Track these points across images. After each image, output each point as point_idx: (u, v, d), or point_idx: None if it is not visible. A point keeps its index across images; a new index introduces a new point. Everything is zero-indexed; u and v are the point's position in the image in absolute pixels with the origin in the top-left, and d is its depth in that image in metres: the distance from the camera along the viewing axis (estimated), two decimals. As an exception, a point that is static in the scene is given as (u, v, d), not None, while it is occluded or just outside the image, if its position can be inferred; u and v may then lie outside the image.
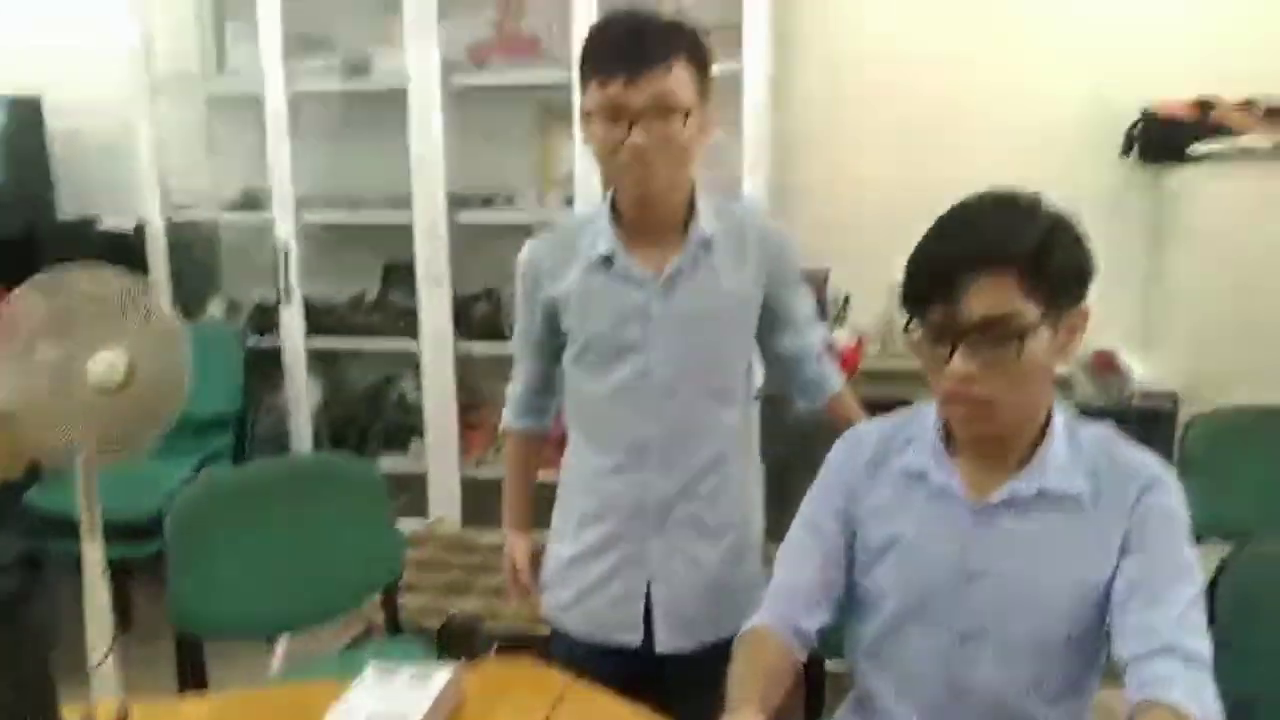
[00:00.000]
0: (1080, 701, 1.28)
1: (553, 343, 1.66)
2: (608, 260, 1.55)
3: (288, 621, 2.11)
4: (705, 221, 1.55)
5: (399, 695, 1.31)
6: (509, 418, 1.81)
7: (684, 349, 1.55)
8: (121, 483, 2.40)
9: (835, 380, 1.74)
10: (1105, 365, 2.90)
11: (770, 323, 1.66)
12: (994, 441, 1.26)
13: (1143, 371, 2.70)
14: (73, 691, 1.35)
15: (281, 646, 2.83)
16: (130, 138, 3.40)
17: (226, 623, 1.91)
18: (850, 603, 1.37)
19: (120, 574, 3.09)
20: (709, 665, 1.38)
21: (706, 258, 1.55)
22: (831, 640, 1.40)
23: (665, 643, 1.62)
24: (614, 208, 1.57)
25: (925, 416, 1.35)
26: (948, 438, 1.31)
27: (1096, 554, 1.23)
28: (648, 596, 1.61)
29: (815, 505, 1.40)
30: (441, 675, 1.35)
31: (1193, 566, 1.20)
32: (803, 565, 1.36)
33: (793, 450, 1.67)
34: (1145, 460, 1.27)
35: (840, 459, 1.40)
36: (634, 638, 1.62)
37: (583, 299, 1.57)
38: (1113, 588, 1.21)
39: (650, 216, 1.54)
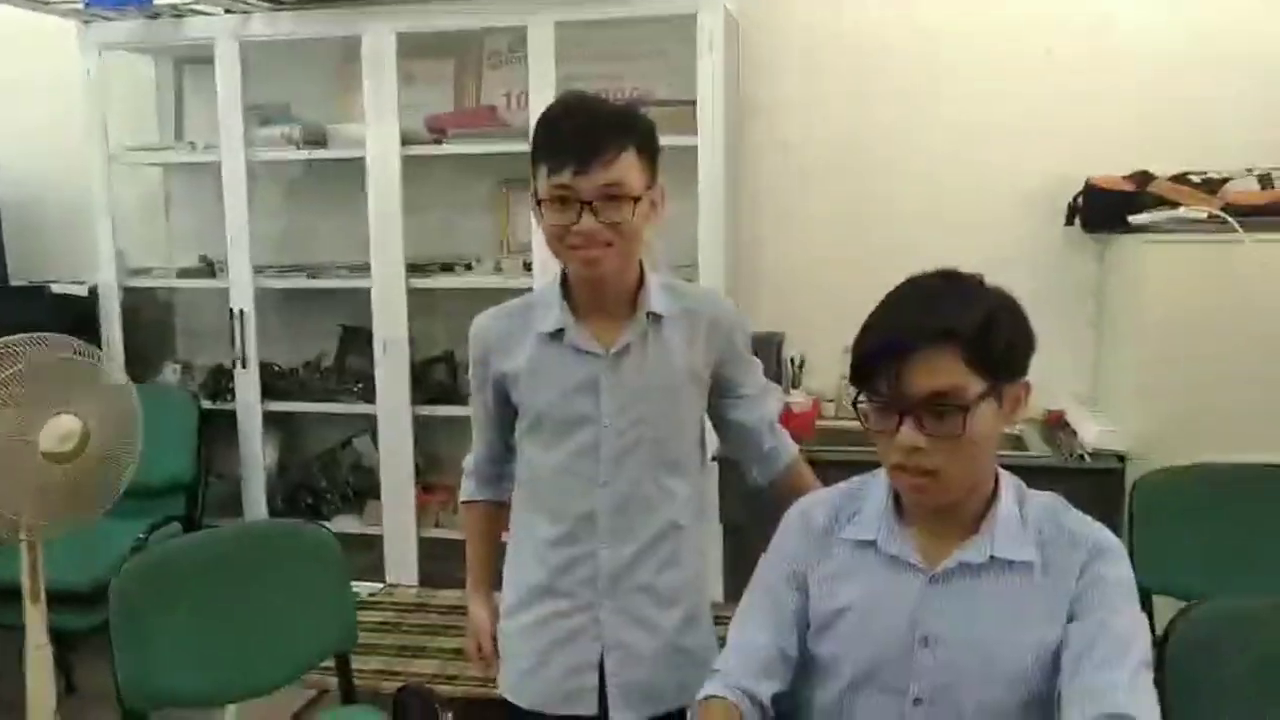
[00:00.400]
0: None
1: (506, 415, 1.67)
2: (558, 334, 1.57)
3: (237, 692, 2.07)
4: (655, 299, 1.57)
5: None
6: (469, 489, 1.80)
7: (634, 421, 1.57)
8: (70, 548, 2.38)
9: (789, 451, 1.76)
10: (1056, 424, 2.97)
11: (721, 396, 1.69)
12: (943, 510, 1.29)
13: (1092, 431, 2.75)
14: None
15: (231, 711, 2.77)
16: (86, 205, 3.39)
17: (173, 695, 1.87)
18: (803, 670, 1.38)
19: (64, 641, 3.03)
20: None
21: (657, 334, 1.58)
22: (787, 704, 1.40)
23: (620, 713, 1.60)
24: (564, 283, 1.59)
25: (875, 486, 1.37)
26: (898, 506, 1.34)
27: (1046, 620, 1.25)
28: (601, 667, 1.61)
29: (768, 573, 1.41)
30: (396, 748, 1.33)
31: (1140, 633, 1.23)
32: (756, 632, 1.37)
33: (750, 514, 1.68)
34: (1092, 528, 1.30)
35: (792, 528, 1.42)
36: (588, 709, 1.61)
37: (534, 373, 1.59)
38: (1061, 654, 1.23)
39: (600, 295, 1.57)
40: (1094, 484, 2.64)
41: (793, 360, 3.23)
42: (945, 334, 1.20)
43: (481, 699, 2.38)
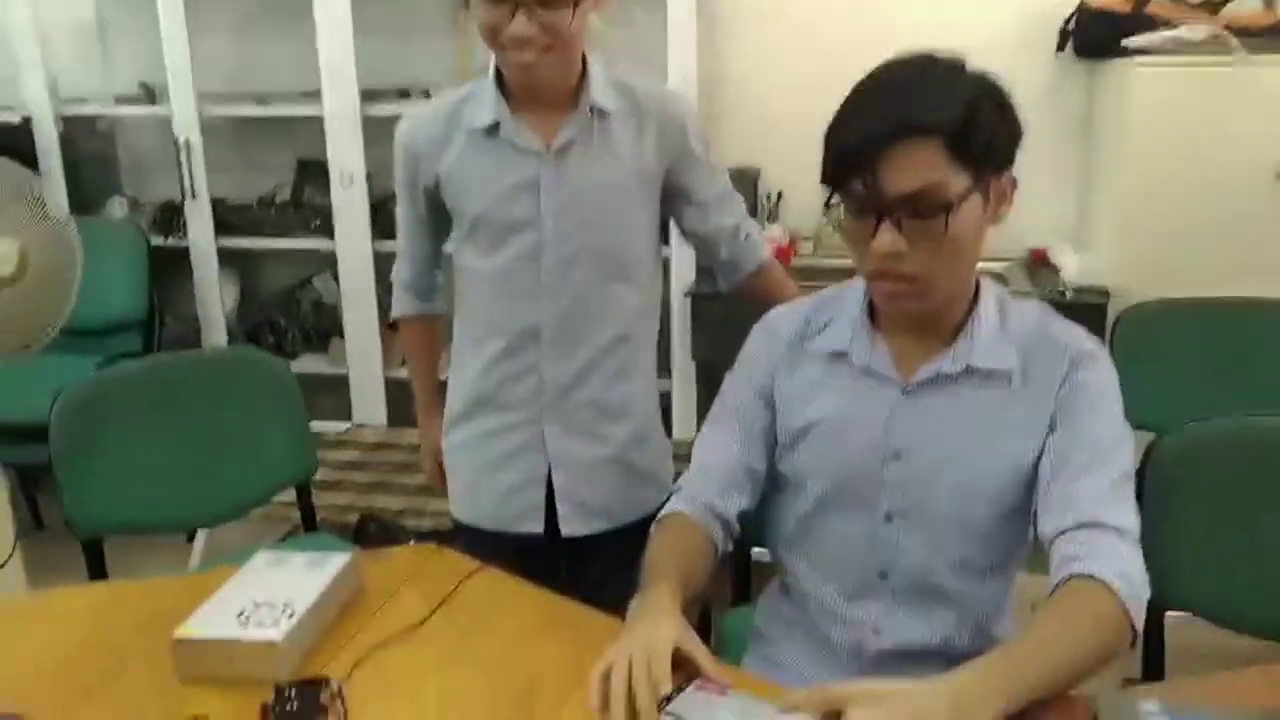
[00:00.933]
0: (1004, 578, 1.26)
1: (438, 222, 1.57)
2: (493, 130, 1.44)
3: (193, 519, 2.03)
4: (598, 92, 1.44)
5: (289, 581, 1.22)
6: (407, 304, 1.71)
7: (578, 224, 1.46)
8: (22, 383, 2.29)
9: (754, 259, 1.67)
10: (1040, 262, 2.89)
11: (676, 202, 1.59)
12: (922, 318, 1.21)
13: (1076, 266, 2.69)
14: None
15: (200, 542, 2.75)
16: (9, 26, 3.14)
17: (125, 520, 1.82)
18: (772, 489, 1.33)
19: (28, 476, 2.97)
20: (618, 549, 1.34)
21: (602, 129, 1.45)
22: (756, 526, 1.35)
23: (569, 528, 1.56)
24: (499, 75, 1.45)
25: (848, 295, 1.29)
26: (872, 316, 1.26)
27: (1024, 431, 1.18)
28: (549, 483, 1.55)
29: (734, 389, 1.34)
30: (337, 561, 1.27)
31: (1121, 442, 1.16)
32: (721, 448, 1.30)
33: (722, 347, 1.61)
34: (1077, 335, 1.22)
35: (759, 342, 1.34)
36: (535, 525, 1.56)
37: (468, 174, 1.47)
38: (1040, 465, 1.17)
39: (538, 90, 1.43)
40: (1077, 319, 2.57)
41: (769, 196, 3.11)
42: (923, 126, 1.08)
43: (447, 531, 2.37)
